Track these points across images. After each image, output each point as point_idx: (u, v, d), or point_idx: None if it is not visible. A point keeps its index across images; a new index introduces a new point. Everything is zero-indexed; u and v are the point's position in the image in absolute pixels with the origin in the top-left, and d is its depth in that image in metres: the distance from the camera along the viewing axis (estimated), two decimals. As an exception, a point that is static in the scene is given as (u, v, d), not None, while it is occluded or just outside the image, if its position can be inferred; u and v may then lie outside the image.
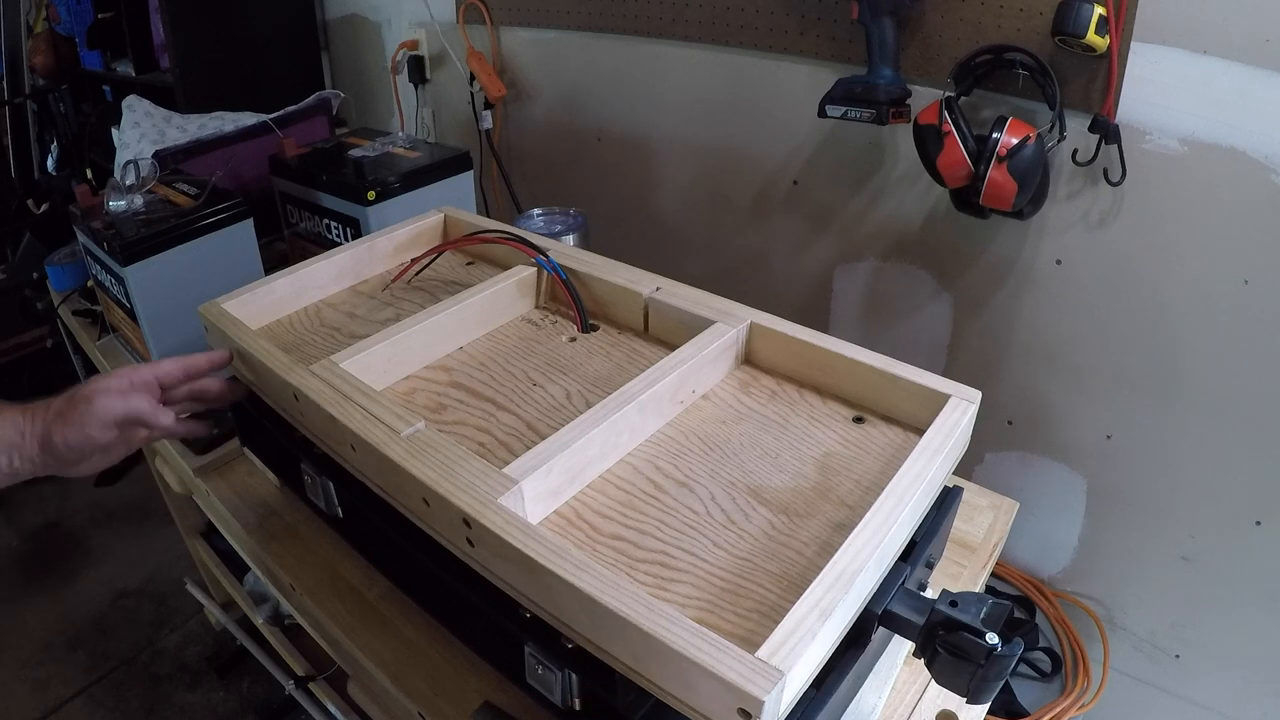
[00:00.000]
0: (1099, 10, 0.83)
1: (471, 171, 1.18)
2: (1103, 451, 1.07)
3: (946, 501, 0.60)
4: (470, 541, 0.49)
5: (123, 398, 0.61)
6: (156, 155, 1.17)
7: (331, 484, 0.65)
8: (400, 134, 1.24)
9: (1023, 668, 1.12)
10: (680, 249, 1.42)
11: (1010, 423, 1.14)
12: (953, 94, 0.94)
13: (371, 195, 1.04)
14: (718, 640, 0.40)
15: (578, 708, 0.53)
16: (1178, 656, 1.11)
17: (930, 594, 0.56)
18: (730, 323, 0.67)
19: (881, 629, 0.50)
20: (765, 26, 1.15)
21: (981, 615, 0.46)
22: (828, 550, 0.49)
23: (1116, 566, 1.12)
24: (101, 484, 2.04)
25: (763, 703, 0.37)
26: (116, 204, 1.01)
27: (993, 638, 0.45)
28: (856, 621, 0.48)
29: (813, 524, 0.53)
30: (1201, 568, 1.04)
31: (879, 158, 1.12)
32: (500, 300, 0.74)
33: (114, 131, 1.35)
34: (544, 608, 0.47)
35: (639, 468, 0.58)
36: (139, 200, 1.02)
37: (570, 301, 0.74)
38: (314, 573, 0.75)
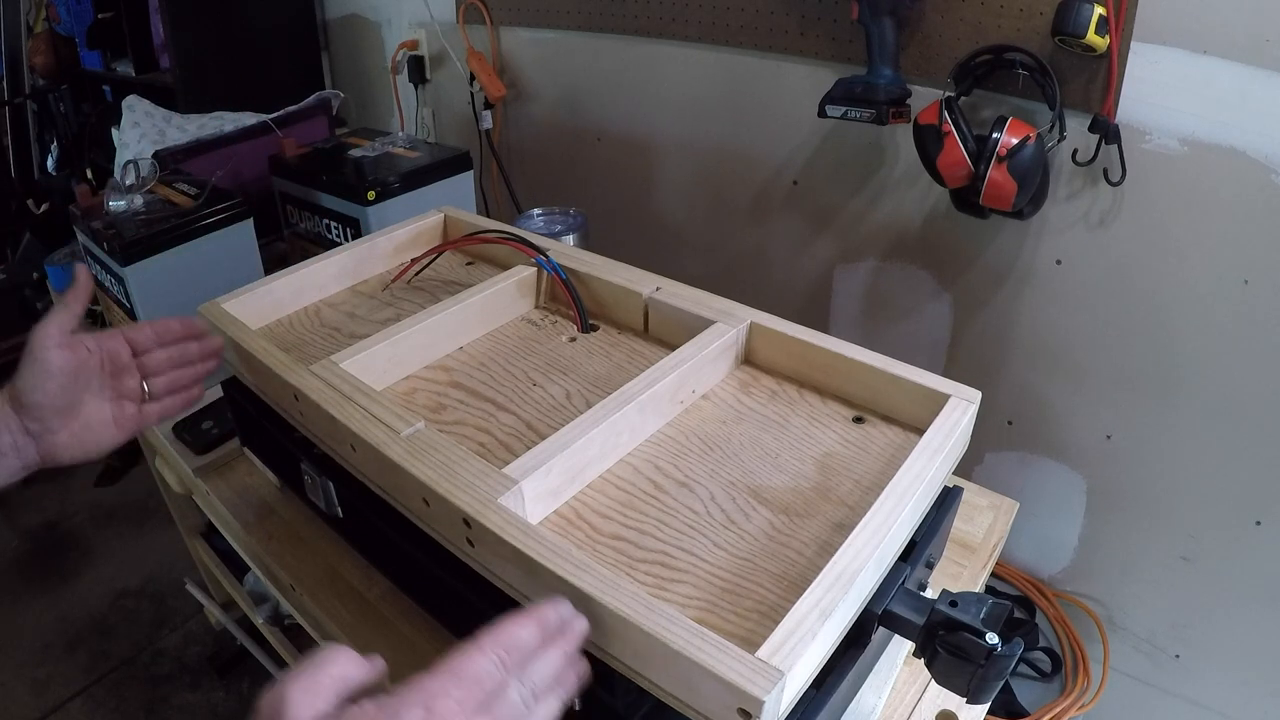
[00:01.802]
0: (1099, 10, 0.83)
1: (471, 171, 1.18)
2: (1103, 451, 1.07)
3: (946, 501, 0.60)
4: (470, 541, 0.49)
5: (57, 318, 0.58)
6: (156, 155, 1.17)
7: (331, 484, 0.65)
8: (400, 134, 1.24)
9: (1023, 668, 1.12)
10: (680, 249, 1.42)
11: (1010, 423, 1.14)
12: (953, 94, 0.94)
13: (371, 195, 1.05)
14: (718, 640, 0.40)
15: (578, 708, 0.53)
16: (1178, 656, 1.11)
17: (930, 594, 0.56)
18: (730, 323, 0.67)
19: (881, 629, 0.50)
20: (765, 26, 1.15)
21: (981, 615, 0.46)
22: (828, 550, 0.49)
23: (1116, 566, 1.12)
24: (101, 484, 2.04)
25: (763, 703, 0.37)
26: (116, 204, 1.01)
27: (993, 638, 0.45)
28: (856, 621, 0.48)
29: (813, 524, 0.53)
30: (1201, 568, 1.04)
31: (879, 158, 1.12)
32: (500, 300, 0.74)
33: (114, 131, 1.35)
34: (544, 608, 0.47)
35: (639, 468, 0.58)
36: (139, 200, 1.02)
37: (570, 301, 0.74)
38: (314, 573, 0.75)
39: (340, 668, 0.36)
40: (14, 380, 0.58)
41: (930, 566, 0.62)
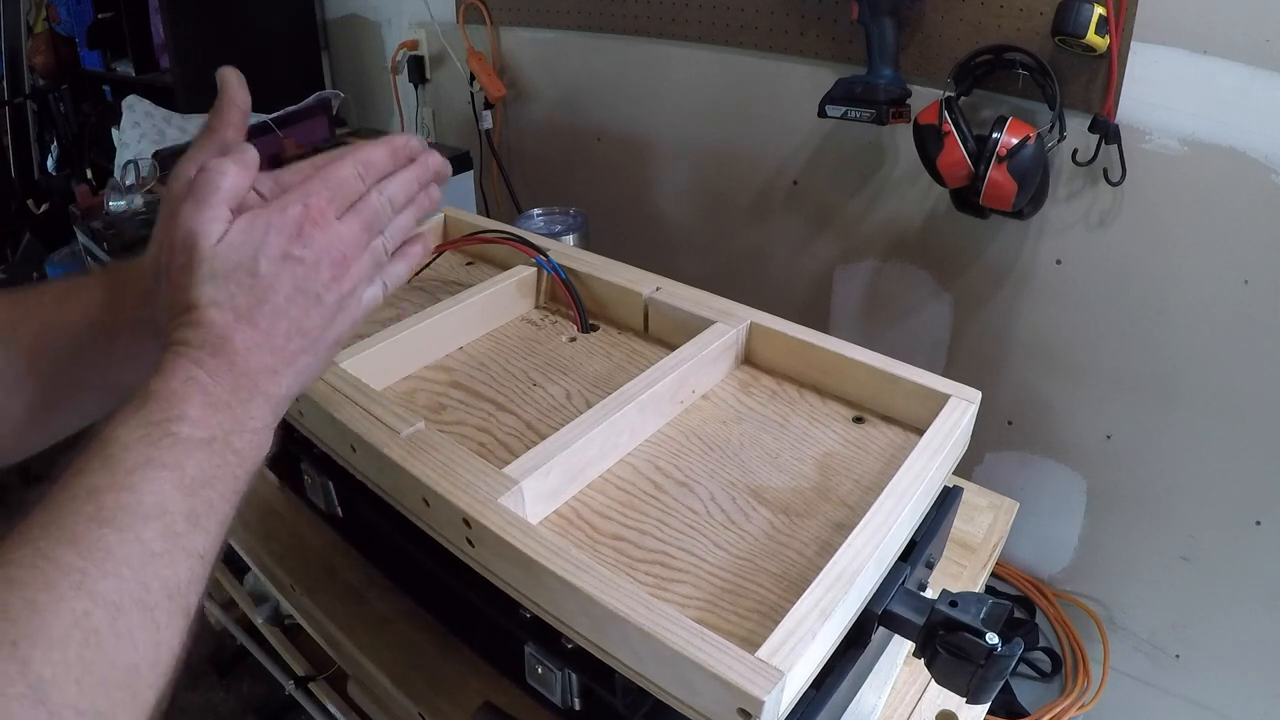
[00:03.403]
0: (1099, 10, 0.83)
1: (471, 171, 1.18)
2: (1103, 451, 1.07)
3: (946, 501, 0.60)
4: (470, 541, 0.49)
5: (194, 159, 0.43)
6: (156, 155, 1.17)
7: (331, 484, 0.65)
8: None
9: (1023, 668, 1.12)
10: (680, 249, 1.42)
11: (1010, 423, 1.14)
12: (953, 94, 0.94)
13: (371, 195, 1.04)
14: (718, 640, 0.40)
15: (578, 708, 0.53)
16: (1178, 656, 1.11)
17: (930, 594, 0.56)
18: (730, 323, 0.67)
19: (881, 629, 0.50)
20: (765, 26, 1.15)
21: (981, 615, 0.46)
22: (828, 550, 0.49)
23: (1116, 566, 1.12)
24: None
25: (763, 703, 0.37)
26: (116, 204, 1.01)
27: (993, 638, 0.45)
28: (856, 621, 0.48)
29: (813, 524, 0.53)
30: (1201, 568, 1.04)
31: (879, 158, 1.12)
32: (500, 300, 0.74)
33: (114, 131, 1.35)
34: (544, 608, 0.47)
35: (639, 468, 0.58)
36: (139, 200, 1.02)
37: (570, 301, 0.74)
38: (314, 573, 0.75)
39: (230, 180, 0.40)
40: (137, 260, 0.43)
41: (930, 566, 0.62)
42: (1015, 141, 0.88)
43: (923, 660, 0.49)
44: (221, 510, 0.36)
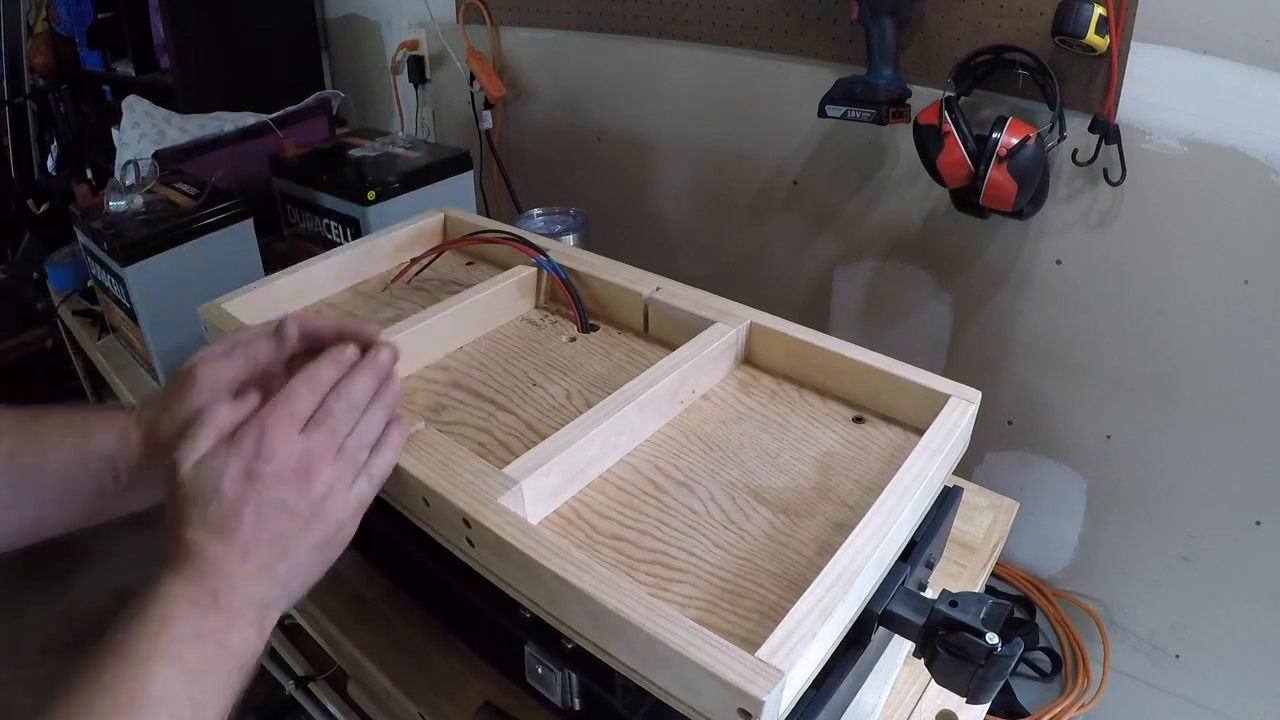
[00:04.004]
0: (1099, 10, 0.83)
1: (471, 171, 1.18)
2: (1103, 451, 1.07)
3: (946, 501, 0.60)
4: (470, 541, 0.49)
5: (228, 358, 0.50)
6: (156, 155, 1.17)
7: (331, 484, 0.65)
8: (400, 134, 1.24)
9: (1023, 668, 1.12)
10: (680, 249, 1.42)
11: (1010, 423, 1.14)
12: (953, 94, 0.94)
13: (371, 195, 1.05)
14: (718, 640, 0.40)
15: (578, 708, 0.53)
16: (1178, 656, 1.11)
17: (930, 594, 0.56)
18: (730, 323, 0.67)
19: (881, 629, 0.50)
20: (765, 26, 1.15)
21: (981, 615, 0.46)
22: (828, 550, 0.49)
23: (1116, 566, 1.12)
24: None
25: (763, 703, 0.37)
26: (116, 204, 1.01)
27: (993, 638, 0.45)
28: (856, 621, 0.48)
29: (813, 524, 0.53)
30: (1201, 568, 1.04)
31: (879, 158, 1.12)
32: (500, 300, 0.74)
33: (114, 131, 1.35)
34: (544, 608, 0.47)
35: (639, 468, 0.58)
36: (139, 200, 1.02)
37: (570, 301, 0.74)
38: (314, 573, 0.75)
39: (220, 420, 0.45)
40: (159, 415, 0.49)
41: (930, 566, 0.62)
42: (1015, 141, 0.88)
43: (923, 660, 0.49)
44: (220, 699, 0.41)
